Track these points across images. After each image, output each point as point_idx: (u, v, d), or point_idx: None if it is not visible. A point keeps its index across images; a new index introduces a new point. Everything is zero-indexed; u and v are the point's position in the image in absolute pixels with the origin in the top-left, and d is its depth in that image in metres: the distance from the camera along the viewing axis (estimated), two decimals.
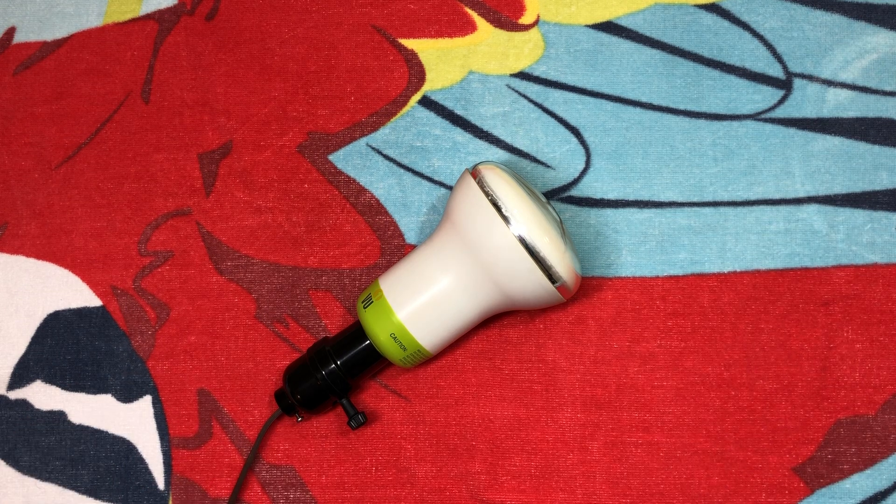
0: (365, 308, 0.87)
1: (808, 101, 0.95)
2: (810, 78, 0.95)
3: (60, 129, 0.96)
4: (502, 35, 0.96)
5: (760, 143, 0.94)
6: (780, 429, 0.91)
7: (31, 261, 0.95)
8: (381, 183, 0.95)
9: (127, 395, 0.93)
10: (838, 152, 0.94)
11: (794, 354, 0.92)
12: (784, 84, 0.95)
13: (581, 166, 0.94)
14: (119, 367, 0.93)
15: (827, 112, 0.94)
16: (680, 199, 0.94)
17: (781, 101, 0.95)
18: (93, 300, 0.94)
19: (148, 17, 0.97)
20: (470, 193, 0.85)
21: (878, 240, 0.93)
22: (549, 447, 0.91)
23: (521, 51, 0.96)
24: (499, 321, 0.92)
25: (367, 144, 0.95)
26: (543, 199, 0.88)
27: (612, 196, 0.94)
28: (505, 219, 0.83)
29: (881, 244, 0.93)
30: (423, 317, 0.86)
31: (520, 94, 0.95)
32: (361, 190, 0.95)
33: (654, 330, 0.92)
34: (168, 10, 0.97)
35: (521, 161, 0.95)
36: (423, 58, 0.96)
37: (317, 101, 0.96)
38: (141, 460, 0.92)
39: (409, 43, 0.96)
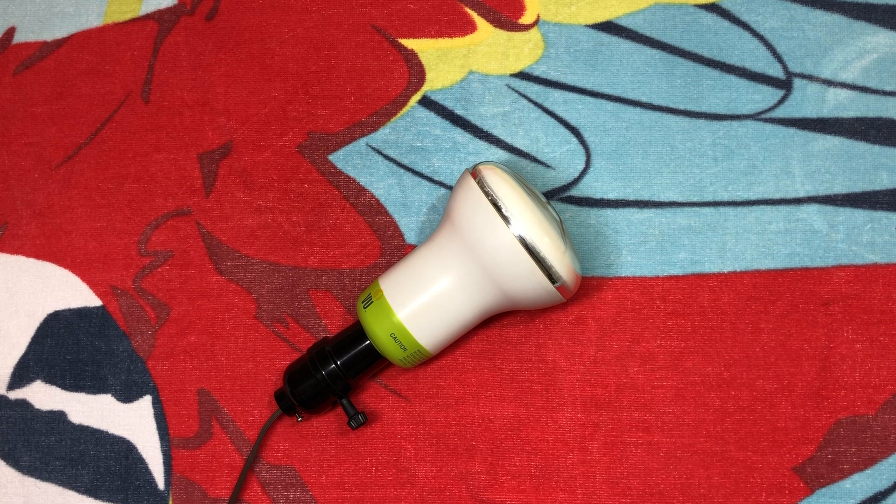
0: (365, 308, 0.87)
1: (808, 101, 0.95)
2: (810, 78, 0.95)
3: (60, 129, 0.96)
4: (502, 35, 0.96)
5: (760, 143, 0.94)
6: (780, 429, 0.91)
7: (31, 261, 0.95)
8: (381, 183, 0.95)
9: (127, 395, 0.93)
10: (838, 152, 0.94)
11: (794, 354, 0.92)
12: (784, 84, 0.95)
13: (581, 166, 0.94)
14: (119, 367, 0.93)
15: (827, 112, 0.94)
16: (680, 199, 0.94)
17: (781, 101, 0.95)
18: (93, 300, 0.94)
19: (148, 17, 0.97)
20: (470, 193, 0.85)
21: (878, 240, 0.93)
22: (549, 447, 0.91)
23: (521, 51, 0.96)
24: (499, 321, 0.92)
25: (367, 144, 0.95)
26: (543, 199, 0.88)
27: (612, 196, 0.94)
28: (505, 219, 0.83)
29: (881, 244, 0.93)
30: (423, 317, 0.86)
31: (520, 94, 0.95)
32: (361, 190, 0.95)
33: (654, 330, 0.92)
34: (168, 10, 0.97)
35: (521, 161, 0.95)
36: (423, 58, 0.96)
37: (317, 101, 0.96)
38: (141, 460, 0.92)
39: (409, 43, 0.96)
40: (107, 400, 0.93)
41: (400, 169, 0.95)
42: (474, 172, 0.86)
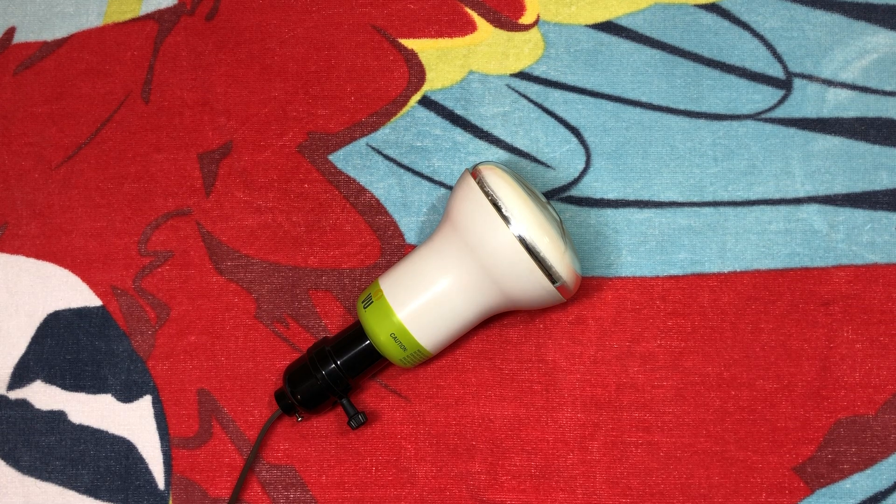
0: (365, 308, 0.87)
1: (808, 101, 0.95)
2: (810, 78, 0.95)
3: (60, 129, 0.96)
4: (502, 35, 0.96)
5: (760, 143, 0.94)
6: (780, 429, 0.91)
7: (31, 261, 0.95)
8: (381, 183, 0.95)
9: (127, 395, 0.93)
10: (838, 152, 0.94)
11: (794, 354, 0.92)
12: (784, 84, 0.95)
13: (581, 166, 0.94)
14: (119, 367, 0.93)
15: (827, 112, 0.94)
16: (680, 199, 0.94)
17: (781, 101, 0.95)
18: (93, 300, 0.94)
19: (148, 17, 0.97)
20: (470, 193, 0.85)
21: (878, 240, 0.93)
22: (549, 447, 0.91)
23: (521, 51, 0.96)
24: (499, 321, 0.92)
25: (367, 144, 0.95)
26: (543, 199, 0.88)
27: (612, 196, 0.94)
28: (505, 219, 0.83)
29: (881, 244, 0.93)
30: (423, 317, 0.86)
31: (520, 94, 0.95)
32: (361, 190, 0.95)
33: (654, 330, 0.92)
34: (168, 10, 0.97)
35: (521, 161, 0.95)
36: (423, 58, 0.96)
37: (317, 101, 0.96)
38: (141, 460, 0.92)
39: (409, 43, 0.96)
40: (107, 400, 0.93)
41: (400, 169, 0.95)
42: (474, 172, 0.86)
